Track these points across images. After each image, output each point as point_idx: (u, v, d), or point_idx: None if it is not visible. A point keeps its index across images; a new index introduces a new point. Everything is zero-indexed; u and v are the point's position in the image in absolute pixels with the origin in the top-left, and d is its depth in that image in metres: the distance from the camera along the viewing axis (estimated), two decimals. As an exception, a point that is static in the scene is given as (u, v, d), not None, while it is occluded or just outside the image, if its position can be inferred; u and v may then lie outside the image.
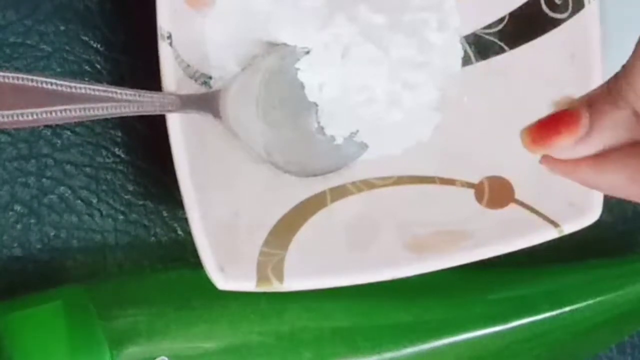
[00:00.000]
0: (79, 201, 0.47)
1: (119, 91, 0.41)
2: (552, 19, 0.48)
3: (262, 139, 0.46)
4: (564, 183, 0.45)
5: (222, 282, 0.42)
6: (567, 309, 0.48)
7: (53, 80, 0.40)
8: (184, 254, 0.48)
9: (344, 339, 0.46)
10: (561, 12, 0.48)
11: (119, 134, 0.47)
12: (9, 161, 0.46)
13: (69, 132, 0.47)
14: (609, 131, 0.30)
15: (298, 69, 0.46)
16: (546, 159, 0.32)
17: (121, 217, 0.48)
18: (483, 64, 0.49)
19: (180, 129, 0.42)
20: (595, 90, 0.31)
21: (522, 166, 0.47)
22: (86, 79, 0.47)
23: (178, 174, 0.42)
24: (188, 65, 0.44)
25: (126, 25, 0.47)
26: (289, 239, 0.45)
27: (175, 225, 0.48)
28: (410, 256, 0.45)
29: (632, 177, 0.30)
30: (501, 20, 0.49)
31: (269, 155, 0.46)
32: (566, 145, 0.31)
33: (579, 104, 0.31)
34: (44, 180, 0.47)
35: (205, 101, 0.43)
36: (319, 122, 0.47)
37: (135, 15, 0.47)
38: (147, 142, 0.48)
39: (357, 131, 0.47)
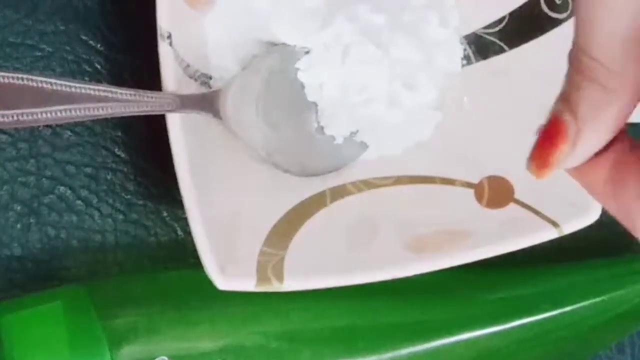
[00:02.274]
0: (79, 201, 0.47)
1: (119, 91, 0.41)
2: (552, 19, 0.48)
3: (262, 139, 0.46)
4: (564, 183, 0.45)
5: (222, 282, 0.42)
6: (567, 308, 0.48)
7: (53, 80, 0.40)
8: (184, 254, 0.48)
9: (344, 339, 0.46)
10: (561, 12, 0.48)
11: (119, 134, 0.47)
12: (9, 161, 0.46)
13: (69, 132, 0.47)
14: (597, 118, 0.28)
15: (298, 69, 0.46)
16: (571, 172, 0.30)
17: (121, 217, 0.48)
18: (483, 63, 0.49)
19: (180, 129, 0.42)
20: (563, 87, 0.29)
21: (522, 166, 0.47)
22: (86, 79, 0.47)
23: (178, 174, 0.42)
24: (188, 65, 0.44)
25: (126, 25, 0.47)
26: (289, 238, 0.45)
27: (175, 225, 0.48)
28: (410, 256, 0.45)
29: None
30: (501, 20, 0.49)
31: (269, 155, 0.46)
32: (566, 154, 0.29)
33: (557, 110, 0.29)
34: (44, 180, 0.47)
35: (205, 101, 0.43)
36: (319, 122, 0.47)
37: (135, 15, 0.47)
38: (147, 142, 0.48)
39: (357, 131, 0.47)
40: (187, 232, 0.44)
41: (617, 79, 0.27)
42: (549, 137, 0.29)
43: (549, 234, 0.46)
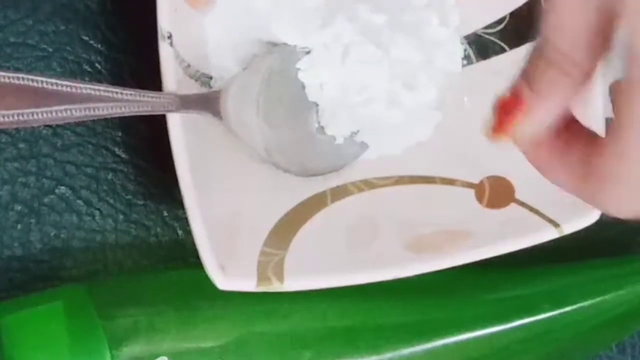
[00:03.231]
0: (79, 201, 0.47)
1: (119, 91, 0.41)
2: (553, 19, 0.48)
3: (263, 138, 0.46)
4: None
5: (223, 282, 0.42)
6: (567, 308, 0.48)
7: (53, 80, 0.40)
8: (184, 254, 0.48)
9: (344, 339, 0.46)
10: (561, 12, 0.48)
11: (119, 134, 0.47)
12: (9, 161, 0.46)
13: (69, 132, 0.47)
14: (551, 95, 0.32)
15: (298, 69, 0.46)
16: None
17: (121, 217, 0.48)
18: (483, 64, 0.49)
19: (180, 129, 0.42)
20: (524, 65, 0.34)
21: (522, 166, 0.47)
22: (86, 79, 0.47)
23: (178, 174, 0.42)
24: (188, 65, 0.44)
25: (126, 25, 0.47)
26: (290, 238, 0.45)
27: (176, 225, 0.48)
28: (410, 256, 0.45)
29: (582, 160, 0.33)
30: (501, 20, 0.49)
31: (269, 155, 0.46)
32: (521, 123, 0.33)
33: (517, 85, 0.33)
34: (44, 180, 0.47)
35: (206, 101, 0.43)
36: (319, 122, 0.47)
37: (135, 15, 0.47)
38: (147, 142, 0.48)
39: (358, 131, 0.47)
40: (187, 232, 0.44)
41: (573, 64, 0.32)
42: (509, 107, 0.33)
43: (549, 234, 0.46)
